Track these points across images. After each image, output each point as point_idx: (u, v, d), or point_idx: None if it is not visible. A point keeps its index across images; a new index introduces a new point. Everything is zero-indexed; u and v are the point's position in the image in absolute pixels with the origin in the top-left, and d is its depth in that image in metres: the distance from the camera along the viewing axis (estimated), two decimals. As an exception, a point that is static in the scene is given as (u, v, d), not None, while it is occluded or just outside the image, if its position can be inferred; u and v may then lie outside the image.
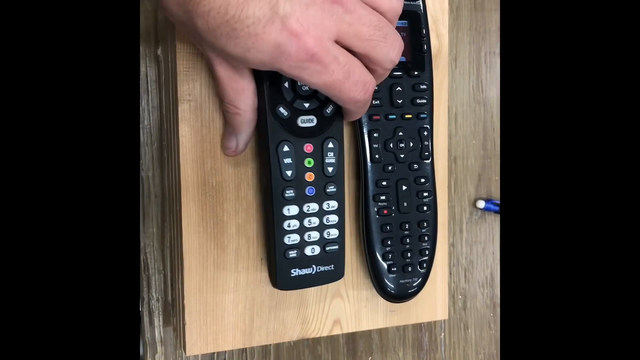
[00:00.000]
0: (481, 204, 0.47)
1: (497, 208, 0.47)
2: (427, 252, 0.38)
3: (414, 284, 0.38)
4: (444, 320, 0.47)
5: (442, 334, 0.47)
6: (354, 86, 0.28)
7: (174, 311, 0.38)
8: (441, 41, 0.40)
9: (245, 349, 0.41)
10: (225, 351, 0.41)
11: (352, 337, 0.44)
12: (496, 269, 0.49)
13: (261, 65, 0.27)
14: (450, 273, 0.47)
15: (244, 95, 0.31)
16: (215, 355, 0.41)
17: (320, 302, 0.37)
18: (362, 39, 0.27)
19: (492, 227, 0.48)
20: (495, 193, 0.48)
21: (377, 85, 0.31)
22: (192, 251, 0.34)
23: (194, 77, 0.34)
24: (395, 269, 0.37)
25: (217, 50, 0.28)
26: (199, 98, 0.34)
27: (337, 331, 0.38)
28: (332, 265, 0.35)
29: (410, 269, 0.37)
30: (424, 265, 0.38)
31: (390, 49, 0.29)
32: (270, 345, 0.41)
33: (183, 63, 0.34)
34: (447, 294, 0.42)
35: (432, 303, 0.41)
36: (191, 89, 0.34)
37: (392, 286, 0.37)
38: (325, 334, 0.38)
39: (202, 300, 0.35)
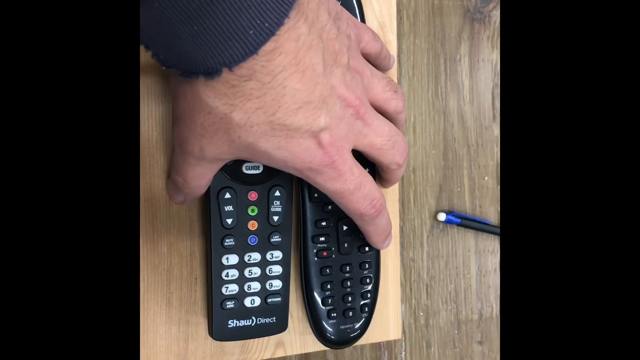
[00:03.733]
0: (442, 216, 0.45)
1: (459, 220, 0.45)
2: (369, 294, 0.36)
3: (355, 329, 0.36)
4: (405, 338, 0.45)
5: (403, 352, 0.45)
6: (362, 199, 0.30)
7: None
8: (389, 48, 0.38)
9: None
10: (168, 374, 0.39)
11: (305, 359, 0.42)
12: (460, 283, 0.47)
13: (282, 162, 0.28)
14: (411, 289, 0.45)
15: (203, 179, 0.30)
16: (158, 378, 0.39)
17: (260, 323, 0.36)
18: (374, 147, 0.31)
19: (454, 240, 0.46)
20: (457, 205, 0.46)
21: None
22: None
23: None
24: (335, 314, 0.35)
25: (238, 145, 0.27)
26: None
27: (280, 354, 0.36)
28: (274, 318, 0.33)
29: (351, 313, 0.35)
30: (366, 309, 0.36)
31: (396, 154, 0.32)
32: (216, 367, 0.39)
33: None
34: (399, 311, 0.40)
35: (384, 322, 0.39)
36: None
37: (332, 331, 0.35)
38: (267, 356, 0.36)
39: (132, 323, 0.33)
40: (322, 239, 0.35)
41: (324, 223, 0.35)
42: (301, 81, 0.25)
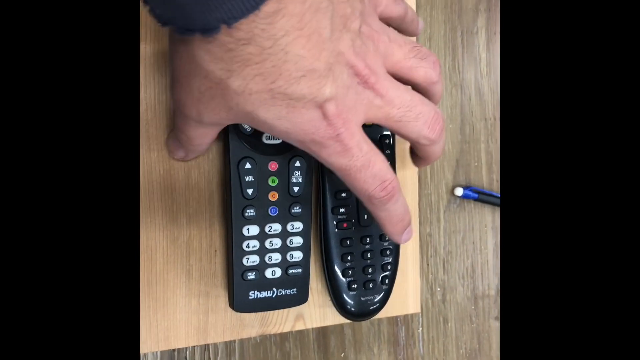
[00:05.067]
0: (459, 191, 0.45)
1: (476, 195, 0.45)
2: (389, 266, 0.36)
3: (376, 301, 0.35)
4: (422, 313, 0.45)
5: (420, 328, 0.45)
6: (371, 179, 0.27)
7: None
8: (408, 17, 0.37)
9: (208, 346, 0.39)
10: (187, 348, 0.39)
11: (322, 333, 0.42)
12: (477, 259, 0.47)
13: (284, 133, 0.26)
14: (428, 264, 0.45)
15: (207, 137, 0.29)
16: (176, 352, 0.39)
17: (280, 295, 0.35)
18: (392, 120, 0.28)
19: (471, 215, 0.46)
20: (475, 179, 0.46)
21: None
22: (139, 243, 0.32)
23: (138, 58, 0.32)
24: (355, 285, 0.35)
25: (237, 113, 0.25)
26: (149, 80, 0.32)
27: (300, 326, 0.36)
28: (295, 289, 0.33)
29: (371, 285, 0.35)
30: (386, 280, 0.36)
31: (422, 127, 0.29)
32: (234, 341, 0.39)
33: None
34: (418, 286, 0.40)
35: (403, 296, 0.39)
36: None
37: (352, 303, 0.35)
38: (287, 329, 0.36)
39: (152, 295, 0.33)
40: (342, 210, 0.34)
41: (343, 194, 0.34)
42: (305, 47, 0.23)
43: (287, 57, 0.23)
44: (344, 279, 0.35)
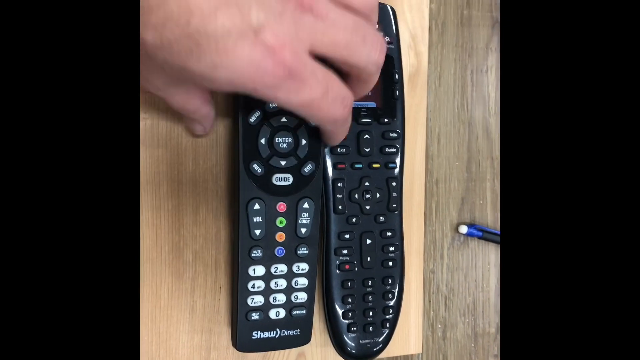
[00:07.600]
0: (464, 229, 0.45)
1: (480, 234, 0.45)
2: (391, 310, 0.35)
3: (376, 345, 0.35)
4: (422, 350, 0.44)
5: (420, 365, 0.45)
6: (333, 102, 0.25)
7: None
8: (420, 59, 0.38)
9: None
10: (186, 381, 0.39)
11: (322, 368, 0.42)
12: (478, 297, 0.46)
13: (229, 85, 0.23)
14: (430, 301, 0.45)
15: (195, 100, 0.28)
16: (175, 384, 0.39)
17: (283, 334, 0.35)
18: (339, 46, 0.25)
19: (474, 253, 0.46)
20: (479, 218, 0.46)
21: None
22: (144, 278, 0.32)
23: (151, 93, 0.32)
24: (355, 328, 0.35)
25: (172, 70, 0.23)
26: (156, 115, 0.32)
27: (301, 365, 0.36)
28: (298, 330, 0.33)
29: (371, 328, 0.35)
30: (387, 324, 0.35)
31: (371, 51, 0.26)
32: (234, 375, 0.39)
33: (141, 78, 0.32)
34: (421, 325, 0.40)
35: (405, 336, 0.39)
36: (147, 106, 0.32)
37: (352, 345, 0.35)
38: (288, 367, 0.36)
39: (155, 330, 0.32)
40: (345, 251, 0.34)
41: (347, 236, 0.34)
42: None
43: None
44: (344, 321, 0.35)
